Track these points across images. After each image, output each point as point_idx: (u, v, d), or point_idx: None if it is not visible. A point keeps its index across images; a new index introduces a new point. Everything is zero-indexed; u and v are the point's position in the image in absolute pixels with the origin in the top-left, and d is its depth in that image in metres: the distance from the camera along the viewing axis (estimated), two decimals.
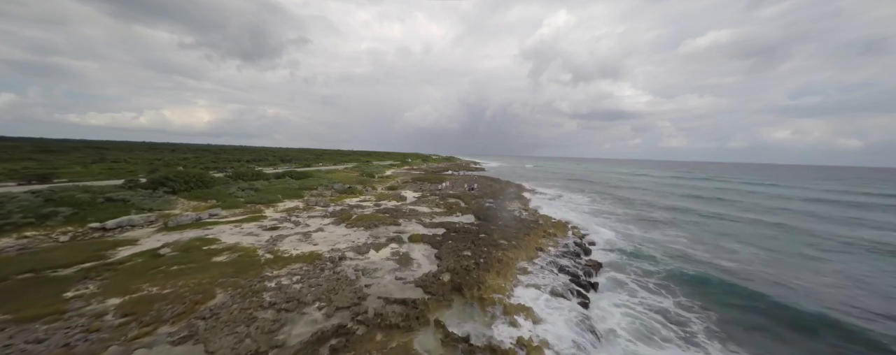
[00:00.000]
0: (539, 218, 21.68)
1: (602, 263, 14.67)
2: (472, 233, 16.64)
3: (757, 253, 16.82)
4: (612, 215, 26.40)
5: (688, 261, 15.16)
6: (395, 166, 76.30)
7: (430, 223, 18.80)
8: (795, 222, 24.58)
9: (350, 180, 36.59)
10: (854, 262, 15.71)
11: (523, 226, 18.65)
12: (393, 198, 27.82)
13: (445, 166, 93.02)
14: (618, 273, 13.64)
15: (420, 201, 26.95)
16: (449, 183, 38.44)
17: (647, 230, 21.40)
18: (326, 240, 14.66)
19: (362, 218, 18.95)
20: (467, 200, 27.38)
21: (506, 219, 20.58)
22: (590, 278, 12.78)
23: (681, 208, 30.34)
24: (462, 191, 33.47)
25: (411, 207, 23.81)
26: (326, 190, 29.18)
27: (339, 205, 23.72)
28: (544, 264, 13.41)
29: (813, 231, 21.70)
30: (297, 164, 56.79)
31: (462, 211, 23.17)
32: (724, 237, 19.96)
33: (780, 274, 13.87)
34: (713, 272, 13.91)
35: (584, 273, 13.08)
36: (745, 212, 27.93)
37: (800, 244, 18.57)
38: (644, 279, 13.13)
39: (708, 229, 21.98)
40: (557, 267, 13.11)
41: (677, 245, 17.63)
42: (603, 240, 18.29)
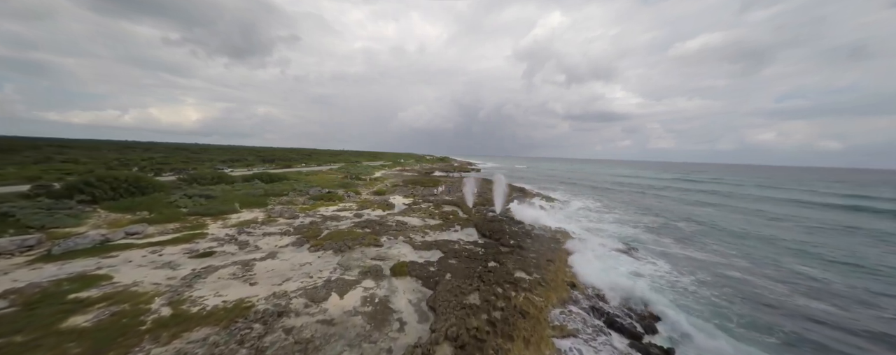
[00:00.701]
0: (557, 233, 17.66)
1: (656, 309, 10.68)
2: (478, 259, 12.46)
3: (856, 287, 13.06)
4: (638, 224, 22.60)
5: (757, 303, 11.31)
6: (386, 167, 71.80)
7: (422, 242, 14.58)
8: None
9: (331, 183, 32.07)
10: None
11: (542, 247, 14.58)
12: (379, 205, 23.49)
13: (440, 167, 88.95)
14: (683, 318, 9.65)
15: (411, 210, 22.69)
16: (445, 186, 34.28)
17: (686, 246, 17.62)
18: (273, 275, 10.30)
19: (334, 235, 14.62)
20: (466, 209, 23.23)
21: (517, 234, 16.51)
22: (652, 335, 8.74)
23: (703, 218, 26.83)
24: (459, 196, 29.31)
25: (399, 218, 19.55)
26: (299, 196, 24.65)
27: (311, 215, 19.30)
28: (585, 312, 9.35)
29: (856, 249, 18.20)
30: (276, 165, 51.81)
31: (461, 223, 19.01)
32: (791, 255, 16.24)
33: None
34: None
35: (643, 326, 9.05)
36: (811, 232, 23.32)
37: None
38: (724, 324, 9.17)
39: (755, 241, 18.34)
40: (605, 318, 9.07)
41: (725, 265, 13.88)
42: (646, 268, 14.34)
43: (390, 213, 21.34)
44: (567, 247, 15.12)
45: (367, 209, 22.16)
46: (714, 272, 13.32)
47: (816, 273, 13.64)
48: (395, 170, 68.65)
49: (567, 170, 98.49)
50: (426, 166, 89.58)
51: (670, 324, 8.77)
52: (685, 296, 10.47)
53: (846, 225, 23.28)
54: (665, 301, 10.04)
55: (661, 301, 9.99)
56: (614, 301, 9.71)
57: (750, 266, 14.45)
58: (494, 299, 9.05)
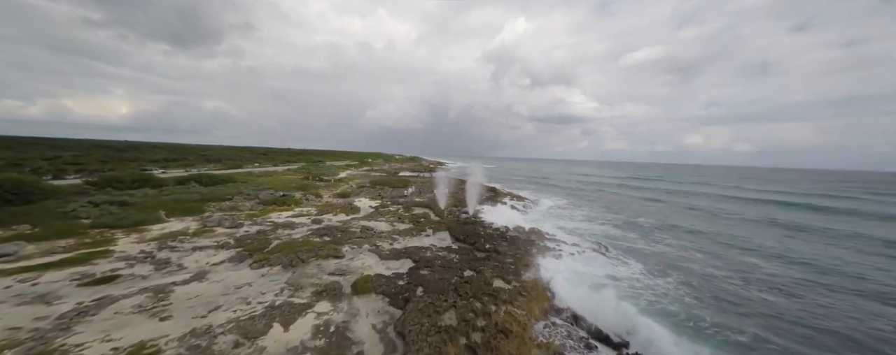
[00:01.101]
0: (532, 234, 17.15)
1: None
2: (453, 267, 11.27)
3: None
4: (605, 221, 23.14)
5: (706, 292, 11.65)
6: (353, 167, 67.97)
7: (390, 251, 13.03)
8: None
9: (287, 185, 28.83)
10: None
11: (519, 250, 13.83)
12: (342, 208, 21.28)
13: (410, 166, 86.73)
14: (660, 324, 9.38)
15: (378, 213, 20.86)
16: (415, 187, 32.72)
17: (649, 242, 18.20)
18: (196, 304, 8.13)
19: (285, 246, 12.47)
20: (438, 210, 22.00)
21: (492, 237, 15.64)
22: (627, 349, 8.18)
23: (651, 210, 28.67)
24: (431, 197, 27.99)
25: (365, 223, 17.70)
26: (246, 200, 21.50)
27: (259, 223, 16.66)
28: (569, 323, 8.63)
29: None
30: (223, 165, 46.04)
31: (434, 226, 17.72)
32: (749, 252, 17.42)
33: None
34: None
35: (626, 334, 8.53)
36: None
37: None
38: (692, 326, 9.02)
39: (709, 233, 19.61)
40: (589, 329, 8.42)
41: (681, 260, 14.43)
42: (621, 270, 14.26)
43: (355, 218, 19.34)
44: (543, 246, 14.59)
45: (327, 214, 19.89)
46: (678, 267, 13.65)
47: (759, 262, 14.74)
48: (362, 170, 65.21)
49: (533, 170, 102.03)
50: (396, 166, 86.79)
51: (648, 332, 8.32)
52: (662, 299, 10.28)
53: (769, 217, 26.21)
54: (644, 306, 9.73)
55: (641, 306, 9.65)
56: (596, 310, 9.10)
57: (705, 259, 15.32)
58: (473, 316, 7.91)
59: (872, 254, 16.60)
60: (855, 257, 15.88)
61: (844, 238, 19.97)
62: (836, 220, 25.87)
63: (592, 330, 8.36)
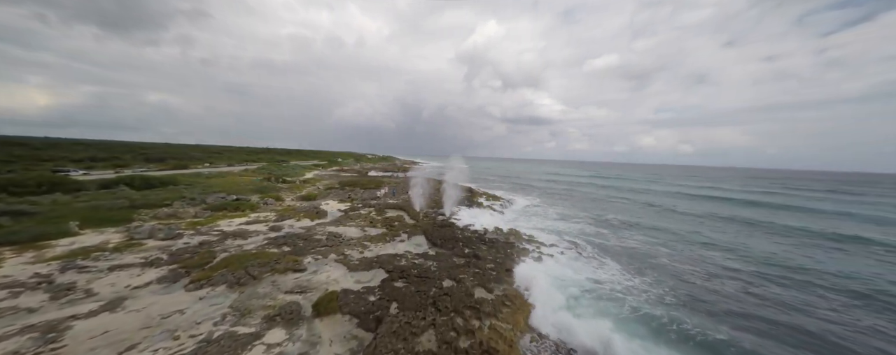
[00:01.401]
0: (510, 235, 16.69)
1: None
2: (431, 277, 10.28)
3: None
4: (579, 219, 23.49)
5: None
6: (321, 167, 64.08)
7: (360, 260, 11.72)
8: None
9: (243, 188, 25.89)
10: None
11: (499, 253, 13.22)
12: (306, 213, 19.32)
13: (383, 166, 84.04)
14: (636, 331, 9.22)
15: (347, 217, 19.23)
16: (388, 188, 31.15)
17: (621, 239, 18.67)
18: (102, 344, 6.32)
19: (233, 260, 10.65)
20: (413, 213, 20.85)
21: (471, 241, 14.89)
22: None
23: (617, 200, 30.12)
24: (405, 198, 26.71)
25: (332, 229, 16.08)
26: (191, 205, 18.70)
27: (204, 232, 14.37)
28: (556, 330, 8.07)
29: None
30: (166, 165, 40.71)
31: (409, 230, 16.58)
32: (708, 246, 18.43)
33: None
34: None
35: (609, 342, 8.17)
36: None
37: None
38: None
39: (671, 229, 20.67)
40: (576, 342, 7.92)
41: (650, 255, 14.94)
42: (602, 273, 14.23)
43: (321, 223, 17.58)
44: (523, 249, 14.15)
45: (289, 219, 17.88)
46: (651, 265, 13.92)
47: (718, 257, 15.66)
48: (332, 170, 61.73)
49: (505, 170, 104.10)
50: (368, 166, 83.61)
51: (630, 342, 8.03)
52: (643, 304, 10.13)
53: (714, 213, 28.65)
54: (627, 313, 9.50)
55: (623, 313, 9.42)
56: (579, 321, 8.66)
57: (671, 254, 15.95)
58: (455, 336, 7.02)
59: (811, 245, 18.41)
60: (799, 250, 17.45)
61: (785, 231, 22.09)
62: (773, 215, 28.85)
63: (578, 344, 7.85)
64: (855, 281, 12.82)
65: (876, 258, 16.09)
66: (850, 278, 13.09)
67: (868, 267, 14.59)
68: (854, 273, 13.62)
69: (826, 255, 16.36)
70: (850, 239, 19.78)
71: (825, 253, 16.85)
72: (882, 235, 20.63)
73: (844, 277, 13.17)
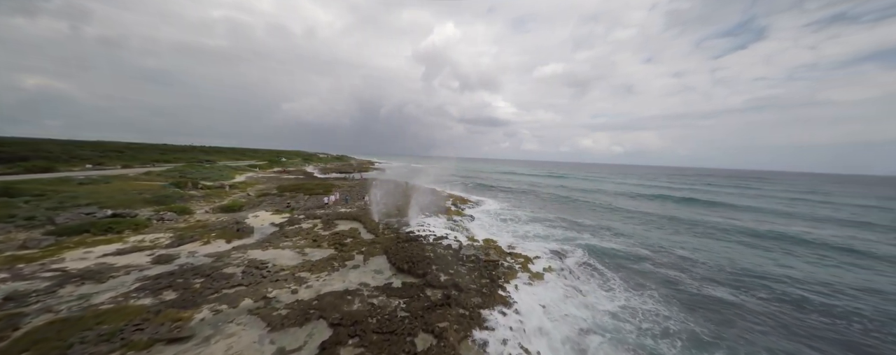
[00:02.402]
0: (490, 249, 14.17)
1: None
2: (397, 327, 7.09)
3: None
4: (554, 224, 22.09)
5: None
6: (258, 168, 55.02)
7: (290, 308, 7.97)
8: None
9: (135, 198, 19.21)
10: None
11: (482, 277, 10.54)
12: (221, 232, 14.38)
13: (336, 166, 76.49)
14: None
15: (282, 234, 14.83)
16: (339, 193, 26.59)
17: (601, 238, 17.63)
18: None
19: (48, 334, 6.09)
20: (372, 224, 17.16)
21: (445, 260, 11.96)
22: None
23: (576, 200, 30.30)
24: (361, 205, 22.69)
25: (258, 253, 11.77)
26: (26, 229, 12.42)
27: (27, 275, 8.97)
28: None
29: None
30: (17, 167, 29.84)
31: (366, 249, 13.00)
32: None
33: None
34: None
35: None
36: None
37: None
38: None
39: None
40: None
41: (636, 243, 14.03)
42: (607, 302, 12.49)
43: (241, 246, 12.99)
44: (508, 268, 11.71)
45: (191, 242, 12.90)
46: (652, 279, 12.67)
47: (687, 254, 15.56)
48: (272, 171, 53.38)
49: (466, 169, 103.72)
50: (318, 166, 75.24)
51: None
52: (658, 339, 8.35)
53: (672, 214, 30.43)
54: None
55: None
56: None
57: (654, 256, 15.37)
58: None
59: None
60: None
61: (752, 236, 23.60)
62: (732, 212, 31.55)
63: None
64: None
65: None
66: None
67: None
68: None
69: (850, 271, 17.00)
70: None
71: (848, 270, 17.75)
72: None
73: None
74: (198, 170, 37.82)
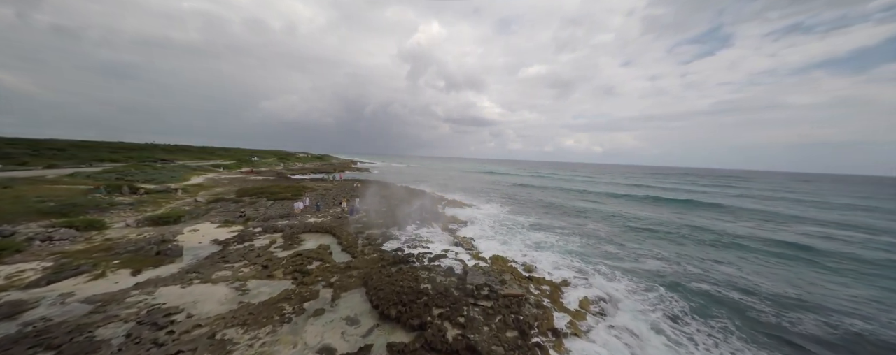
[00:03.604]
0: (503, 271, 10.87)
1: None
2: None
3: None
4: (562, 232, 19.15)
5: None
6: (224, 168, 49.15)
7: None
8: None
9: (23, 208, 14.37)
10: None
11: (506, 325, 7.25)
12: (130, 257, 10.25)
13: (315, 166, 71.00)
14: None
15: (221, 258, 10.87)
16: (309, 198, 22.47)
17: (630, 257, 14.80)
18: None
19: None
20: (349, 240, 13.43)
21: (447, 294, 8.52)
22: None
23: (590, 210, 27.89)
24: (336, 213, 18.82)
25: (171, 294, 7.86)
26: None
27: None
28: None
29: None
30: None
31: (338, 278, 9.38)
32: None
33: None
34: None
35: None
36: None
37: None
38: None
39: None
40: None
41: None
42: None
43: (153, 278, 8.99)
44: (537, 307, 8.48)
45: (74, 276, 8.76)
46: (717, 303, 9.84)
47: (737, 273, 12.90)
48: (239, 172, 47.78)
49: (454, 169, 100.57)
50: (295, 166, 69.47)
51: None
52: None
53: (675, 218, 28.56)
54: None
55: None
56: None
57: (702, 273, 12.49)
58: None
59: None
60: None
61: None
62: (743, 217, 29.95)
63: None
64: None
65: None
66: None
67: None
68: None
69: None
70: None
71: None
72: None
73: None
74: (143, 170, 32.20)
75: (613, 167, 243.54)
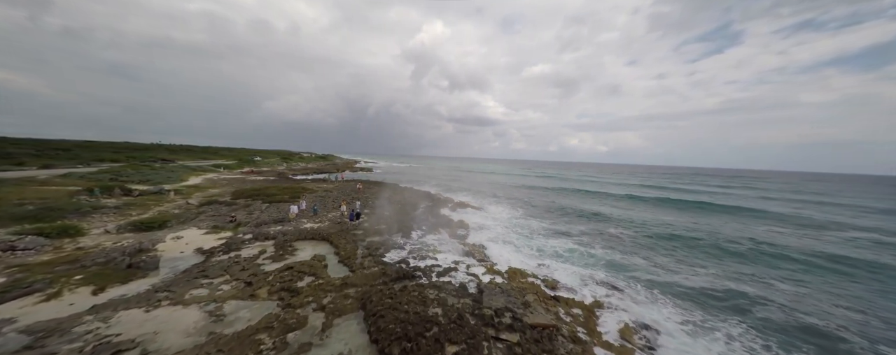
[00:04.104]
0: (525, 289, 9.33)
1: None
2: None
3: None
4: (579, 238, 17.58)
5: None
6: (223, 169, 48.26)
7: None
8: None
9: (7, 211, 13.25)
10: None
11: None
12: (96, 272, 8.93)
13: (317, 166, 70.09)
14: None
15: (201, 272, 9.50)
16: (305, 200, 21.13)
17: (678, 274, 13.16)
18: None
19: None
20: (346, 250, 12.00)
21: (462, 324, 7.01)
22: None
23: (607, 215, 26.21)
24: (335, 218, 17.43)
25: (131, 320, 6.47)
26: None
27: None
28: None
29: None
30: None
31: (332, 298, 7.95)
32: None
33: None
34: None
35: None
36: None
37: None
38: None
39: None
40: None
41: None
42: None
43: (116, 298, 7.65)
44: (570, 339, 6.95)
45: (21, 297, 7.44)
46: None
47: (791, 288, 11.07)
48: (240, 172, 46.83)
49: (458, 169, 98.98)
50: (297, 166, 68.59)
51: None
52: None
53: (695, 223, 26.62)
54: None
55: None
56: None
57: (755, 291, 10.73)
58: None
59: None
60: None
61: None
62: (768, 222, 28.03)
63: None
64: None
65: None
66: None
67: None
68: None
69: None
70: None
71: None
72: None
73: None
74: (140, 171, 31.23)
75: (619, 166, 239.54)
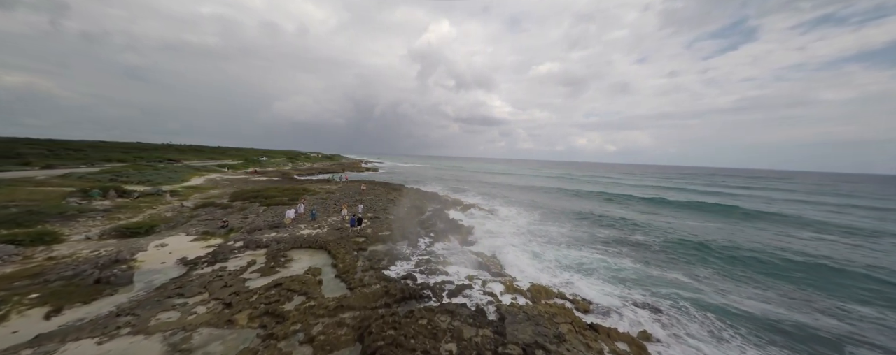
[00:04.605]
0: (554, 312, 7.80)
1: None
2: None
3: None
4: (604, 248, 15.88)
5: None
6: (228, 168, 47.78)
7: None
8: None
9: None
10: None
11: None
12: (56, 290, 7.73)
13: (323, 166, 69.53)
14: None
15: (177, 288, 8.22)
16: (304, 203, 19.91)
17: (694, 278, 11.43)
18: None
19: None
20: (345, 261, 10.63)
21: None
22: None
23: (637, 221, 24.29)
24: (335, 222, 16.13)
25: (88, 348, 5.18)
26: None
27: None
28: None
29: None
30: None
31: (322, 330, 6.56)
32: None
33: None
34: None
35: None
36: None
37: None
38: None
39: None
40: None
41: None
42: None
43: (69, 325, 6.40)
44: None
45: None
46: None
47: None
48: (245, 172, 46.25)
49: (465, 169, 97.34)
50: (303, 166, 68.08)
51: None
52: None
53: (733, 233, 24.46)
54: None
55: None
56: None
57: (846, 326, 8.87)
58: None
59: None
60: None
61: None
62: (810, 230, 25.74)
63: None
64: None
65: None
66: None
67: None
68: None
69: None
70: None
71: None
72: None
73: None
74: (142, 171, 30.64)
75: (629, 167, 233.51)
